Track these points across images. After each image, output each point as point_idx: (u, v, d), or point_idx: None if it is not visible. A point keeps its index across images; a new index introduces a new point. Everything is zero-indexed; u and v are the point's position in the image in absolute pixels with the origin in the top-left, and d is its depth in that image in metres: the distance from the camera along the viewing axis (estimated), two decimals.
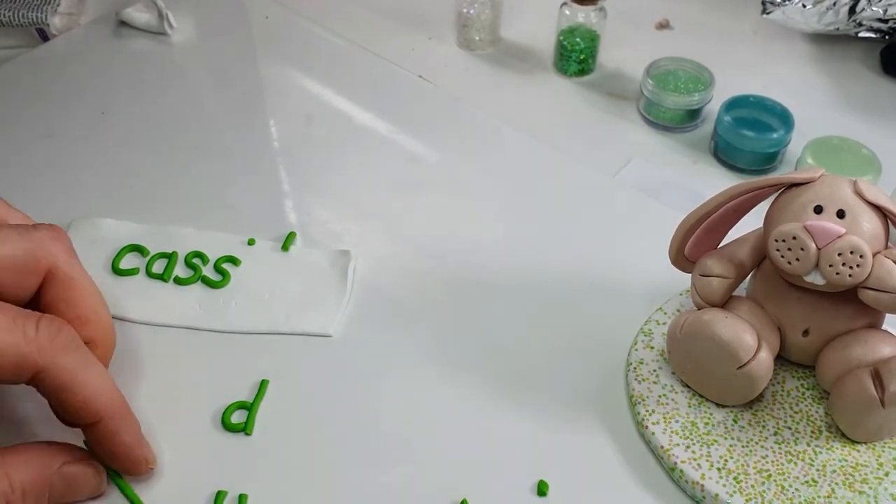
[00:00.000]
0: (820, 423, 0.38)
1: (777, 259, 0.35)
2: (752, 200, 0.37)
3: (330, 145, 0.53)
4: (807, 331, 0.38)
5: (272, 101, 0.46)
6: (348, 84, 0.58)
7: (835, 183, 0.35)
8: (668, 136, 0.55)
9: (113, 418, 0.35)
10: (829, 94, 0.59)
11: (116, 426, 0.35)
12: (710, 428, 0.37)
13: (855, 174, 0.47)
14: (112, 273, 0.44)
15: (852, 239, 0.34)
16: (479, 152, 0.53)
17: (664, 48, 0.58)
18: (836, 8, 0.58)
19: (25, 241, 0.36)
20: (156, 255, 0.45)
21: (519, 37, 0.63)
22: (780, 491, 0.35)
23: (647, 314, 0.42)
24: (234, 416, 0.39)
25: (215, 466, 0.37)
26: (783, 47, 0.63)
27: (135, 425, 0.36)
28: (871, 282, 0.34)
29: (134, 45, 0.61)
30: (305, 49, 0.61)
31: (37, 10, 0.59)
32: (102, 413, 0.34)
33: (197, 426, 0.38)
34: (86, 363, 0.34)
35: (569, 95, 0.58)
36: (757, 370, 0.36)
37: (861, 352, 0.36)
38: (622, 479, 0.37)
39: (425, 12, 0.65)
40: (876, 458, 0.36)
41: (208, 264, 0.45)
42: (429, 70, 0.59)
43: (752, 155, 0.51)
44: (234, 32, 0.63)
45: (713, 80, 0.54)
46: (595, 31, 0.58)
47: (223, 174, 0.51)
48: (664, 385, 0.39)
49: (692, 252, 0.39)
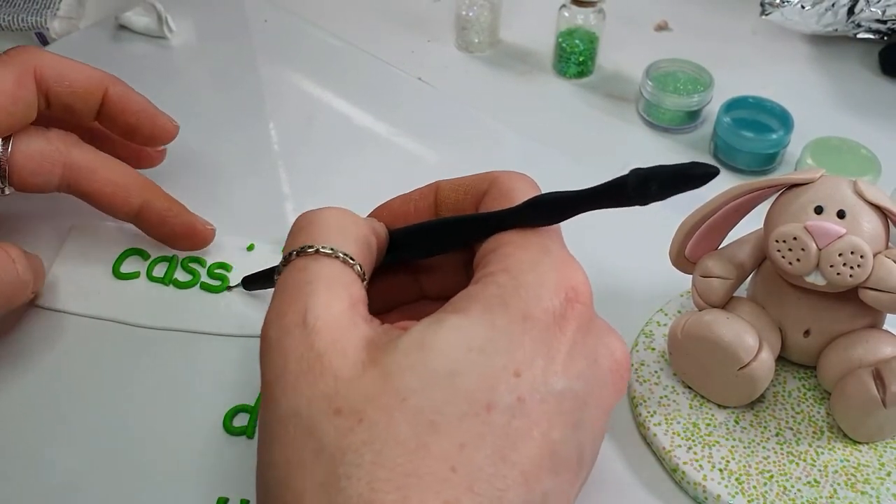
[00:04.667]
0: (821, 423, 0.38)
1: (778, 260, 0.35)
2: (752, 201, 0.37)
3: (329, 148, 0.53)
4: (808, 331, 0.38)
5: (272, 104, 0.47)
6: (348, 87, 0.58)
7: (835, 183, 0.35)
8: (667, 138, 0.55)
9: (149, 200, 0.43)
10: (829, 94, 0.59)
11: (158, 206, 0.43)
12: (711, 429, 0.37)
13: (855, 174, 0.47)
14: (113, 277, 0.44)
15: (853, 239, 0.34)
16: (478, 154, 0.53)
17: (663, 50, 0.58)
18: (834, 9, 0.58)
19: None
20: (157, 258, 0.45)
21: (518, 39, 0.63)
22: (783, 492, 0.35)
23: (647, 315, 0.42)
24: (237, 419, 0.39)
25: (217, 471, 0.37)
26: (782, 48, 0.63)
27: (173, 200, 0.44)
28: (871, 282, 0.34)
29: (133, 48, 0.61)
30: (305, 52, 0.61)
31: (36, 14, 0.59)
32: (133, 199, 0.42)
33: (198, 430, 0.38)
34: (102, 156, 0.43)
35: (568, 97, 0.58)
36: (758, 371, 0.36)
37: (862, 352, 0.36)
38: (623, 480, 0.37)
39: (424, 14, 0.65)
40: (878, 458, 0.36)
41: (206, 268, 0.45)
42: (428, 72, 0.59)
43: (751, 156, 0.51)
44: (234, 36, 0.63)
45: (712, 81, 0.54)
46: (594, 33, 0.58)
47: (223, 177, 0.50)
48: (665, 386, 0.39)
49: (693, 253, 0.39)
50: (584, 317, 0.29)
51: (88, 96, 0.43)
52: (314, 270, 0.29)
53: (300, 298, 0.28)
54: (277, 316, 0.28)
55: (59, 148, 0.42)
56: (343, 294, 0.29)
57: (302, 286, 0.29)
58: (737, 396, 0.37)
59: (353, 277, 0.30)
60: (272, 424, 0.27)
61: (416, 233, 0.34)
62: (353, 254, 0.30)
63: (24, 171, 0.41)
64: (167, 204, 0.44)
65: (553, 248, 0.30)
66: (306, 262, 0.30)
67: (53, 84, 0.41)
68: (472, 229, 0.32)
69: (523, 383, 0.26)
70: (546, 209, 0.30)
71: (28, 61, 0.40)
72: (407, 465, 0.25)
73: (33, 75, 0.40)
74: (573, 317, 0.28)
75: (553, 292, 0.28)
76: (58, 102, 0.42)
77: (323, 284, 0.29)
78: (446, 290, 0.35)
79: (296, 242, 0.31)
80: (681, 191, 0.28)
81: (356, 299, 0.29)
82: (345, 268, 0.30)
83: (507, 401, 0.26)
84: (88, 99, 0.43)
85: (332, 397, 0.26)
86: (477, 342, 0.27)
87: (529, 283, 0.28)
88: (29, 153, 0.41)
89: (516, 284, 0.28)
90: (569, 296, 0.28)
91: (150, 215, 0.43)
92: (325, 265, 0.29)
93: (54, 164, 0.41)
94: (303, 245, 0.30)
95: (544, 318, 0.28)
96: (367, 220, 0.33)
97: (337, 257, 0.30)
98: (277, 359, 0.28)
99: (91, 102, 0.43)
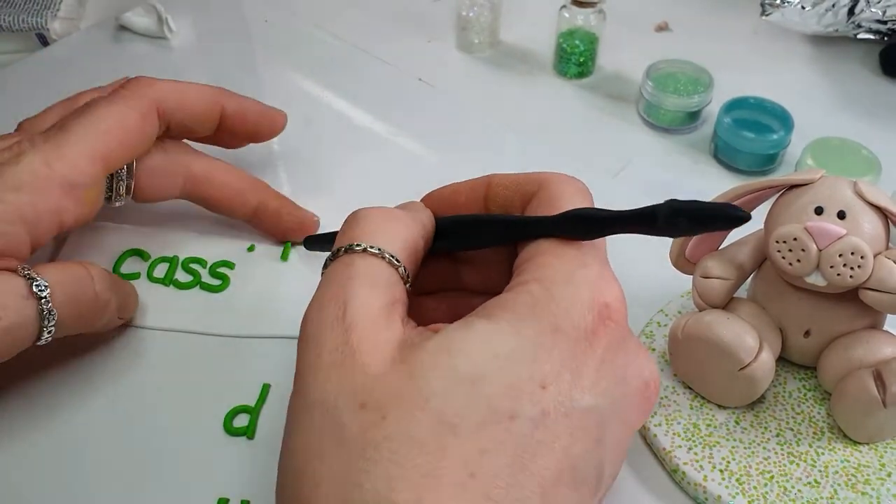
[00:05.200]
0: (822, 424, 0.38)
1: (778, 260, 0.35)
2: (752, 202, 0.37)
3: (329, 148, 0.53)
4: (808, 332, 0.38)
5: (272, 103, 0.47)
6: (348, 87, 0.58)
7: (835, 184, 0.35)
8: (667, 138, 0.55)
9: (263, 200, 0.45)
10: (829, 95, 0.59)
11: (272, 204, 0.45)
12: (712, 429, 0.37)
13: (855, 175, 0.47)
14: None
15: (853, 240, 0.34)
16: (478, 155, 0.53)
17: (663, 50, 0.58)
18: (834, 9, 0.58)
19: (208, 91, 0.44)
20: (157, 259, 0.45)
21: (518, 39, 0.63)
22: (783, 492, 0.35)
23: (648, 316, 0.42)
24: (237, 420, 0.39)
25: (217, 472, 0.37)
26: (782, 49, 0.63)
27: (283, 198, 0.46)
28: (871, 283, 0.34)
29: (134, 49, 0.61)
30: (305, 52, 0.61)
31: (37, 15, 0.59)
32: (249, 200, 0.44)
33: (198, 430, 0.38)
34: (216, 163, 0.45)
35: (568, 98, 0.58)
36: (758, 371, 0.36)
37: (862, 352, 0.36)
38: (624, 481, 0.37)
39: (425, 15, 0.65)
40: (878, 458, 0.36)
41: (206, 268, 0.45)
42: (428, 72, 0.59)
43: (752, 156, 0.51)
44: (234, 36, 0.63)
45: (713, 81, 0.54)
46: (594, 34, 0.58)
47: None
48: (666, 387, 0.39)
49: (693, 253, 0.39)
50: (616, 335, 0.29)
51: (207, 118, 0.44)
52: (359, 268, 0.30)
53: (342, 293, 0.29)
54: (318, 308, 0.29)
55: (178, 160, 0.43)
56: (384, 293, 0.29)
57: (345, 281, 0.29)
58: (737, 397, 0.37)
59: (397, 279, 0.30)
60: (299, 412, 0.27)
61: (458, 225, 0.34)
62: (398, 255, 0.31)
63: (147, 187, 0.42)
64: (280, 202, 0.46)
65: (591, 263, 0.30)
66: (352, 259, 0.30)
67: (175, 113, 0.42)
68: (510, 231, 0.32)
69: (548, 396, 0.26)
70: (580, 224, 0.30)
71: (149, 95, 0.41)
72: (424, 466, 0.25)
73: (156, 110, 0.41)
74: (604, 334, 0.28)
75: (586, 308, 0.28)
76: (178, 128, 0.43)
77: (366, 282, 0.29)
78: (485, 284, 0.35)
79: (345, 239, 0.31)
80: (709, 230, 0.28)
81: (396, 300, 0.30)
82: (389, 268, 0.30)
83: (530, 412, 0.26)
84: (207, 120, 0.44)
85: (359, 392, 0.26)
86: (503, 350, 0.27)
87: (562, 296, 0.28)
88: (151, 169, 0.42)
89: (549, 296, 0.28)
90: (601, 312, 0.28)
91: (266, 214, 0.45)
92: (371, 264, 0.30)
93: (176, 176, 0.42)
94: (351, 242, 0.31)
95: (574, 332, 0.28)
96: (417, 219, 0.33)
97: (383, 258, 0.30)
98: (313, 349, 0.28)
99: (209, 123, 0.44)
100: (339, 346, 0.27)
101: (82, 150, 0.37)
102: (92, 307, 0.37)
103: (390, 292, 0.29)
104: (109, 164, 0.39)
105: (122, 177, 0.41)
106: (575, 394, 0.27)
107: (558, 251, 0.30)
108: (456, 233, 0.35)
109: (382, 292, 0.29)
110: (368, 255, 0.30)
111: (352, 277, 0.29)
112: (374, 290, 0.29)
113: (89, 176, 0.37)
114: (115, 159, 0.39)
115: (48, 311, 0.34)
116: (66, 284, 0.36)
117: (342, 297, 0.29)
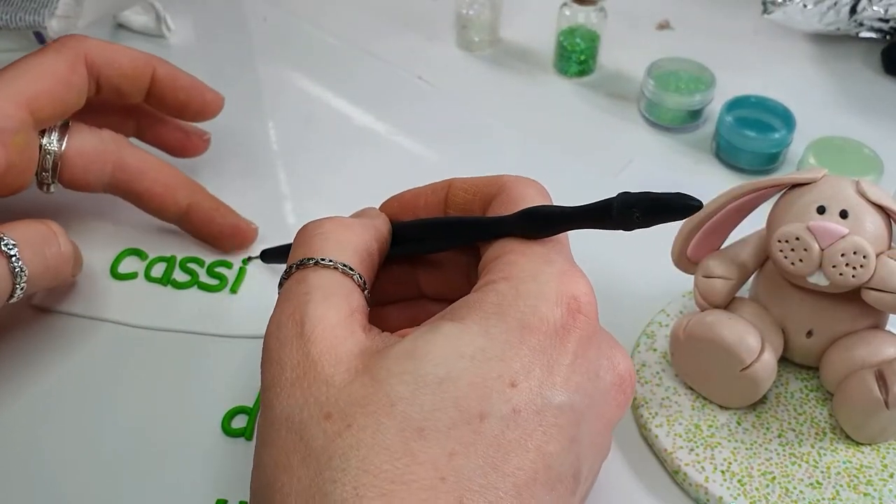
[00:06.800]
0: (824, 424, 0.38)
1: (780, 260, 0.35)
2: (754, 201, 0.37)
3: (329, 147, 0.53)
4: (810, 332, 0.37)
5: (271, 103, 0.46)
6: (347, 85, 0.58)
7: (837, 183, 0.35)
8: (669, 137, 0.55)
9: (197, 201, 0.44)
10: (831, 94, 0.58)
11: (205, 206, 0.44)
12: (713, 430, 0.37)
13: (857, 174, 0.47)
14: (111, 277, 0.44)
15: (855, 239, 0.34)
16: (478, 153, 0.53)
17: (665, 48, 0.58)
18: (836, 8, 0.58)
19: None
20: (154, 258, 0.45)
21: (519, 37, 0.62)
22: (785, 493, 0.35)
23: (649, 316, 0.42)
24: (235, 420, 0.38)
25: (215, 473, 0.37)
26: (784, 47, 0.62)
27: (219, 201, 0.45)
28: (874, 282, 0.34)
29: (132, 47, 0.60)
30: (304, 51, 0.61)
31: (34, 14, 0.59)
32: (181, 199, 0.43)
33: (197, 431, 0.38)
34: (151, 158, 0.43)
35: (569, 96, 0.58)
36: (760, 372, 0.36)
37: (865, 353, 0.36)
38: (625, 482, 0.37)
39: (424, 13, 0.65)
40: (880, 459, 0.36)
41: (204, 268, 0.45)
42: (428, 71, 0.59)
43: (753, 155, 0.51)
44: (233, 34, 0.62)
45: (714, 80, 0.54)
46: (595, 32, 0.58)
47: (221, 176, 0.50)
48: (667, 387, 0.39)
49: (695, 253, 0.39)
50: (587, 329, 0.28)
51: (137, 78, 0.43)
52: (312, 282, 0.30)
53: (298, 310, 0.29)
54: (277, 326, 0.29)
55: (111, 147, 0.42)
56: (341, 304, 0.29)
57: (300, 298, 0.29)
58: (739, 398, 0.37)
59: (352, 287, 0.30)
60: (266, 428, 0.27)
61: (416, 228, 0.34)
62: (352, 264, 0.31)
63: (75, 167, 0.41)
64: (214, 204, 0.45)
65: (556, 259, 0.30)
66: (305, 274, 0.30)
67: (104, 68, 0.42)
68: (468, 232, 0.32)
69: (519, 394, 0.26)
70: (537, 221, 0.30)
71: (78, 48, 0.41)
72: (392, 472, 0.24)
73: (84, 61, 0.41)
74: (575, 328, 0.28)
75: (553, 303, 0.28)
76: (108, 86, 0.43)
77: (320, 295, 0.29)
78: (444, 291, 0.35)
79: (297, 254, 0.31)
80: (664, 220, 0.28)
81: (354, 308, 0.29)
82: (344, 278, 0.30)
83: (501, 411, 0.26)
84: (137, 81, 0.43)
85: (324, 403, 0.26)
86: (469, 349, 0.27)
87: (529, 292, 0.28)
88: (82, 150, 0.41)
89: (516, 294, 0.28)
90: (570, 306, 0.28)
91: (197, 216, 0.44)
92: (324, 276, 0.30)
93: (105, 163, 0.42)
94: (302, 258, 0.31)
95: (543, 328, 0.27)
96: (368, 226, 0.33)
97: (336, 269, 0.30)
98: (275, 366, 0.28)
99: (140, 84, 0.44)
100: (300, 362, 0.27)
101: (7, 94, 0.38)
102: (58, 262, 0.38)
103: (347, 302, 0.29)
104: (37, 111, 0.39)
105: (53, 142, 0.40)
106: (546, 391, 0.27)
107: (524, 249, 0.30)
108: (415, 236, 0.34)
109: (339, 303, 0.29)
110: (321, 268, 0.30)
111: (307, 293, 0.29)
112: (330, 302, 0.29)
113: (15, 120, 0.38)
114: (43, 108, 0.39)
115: (20, 268, 0.35)
116: (33, 242, 0.36)
117: (299, 314, 0.29)
